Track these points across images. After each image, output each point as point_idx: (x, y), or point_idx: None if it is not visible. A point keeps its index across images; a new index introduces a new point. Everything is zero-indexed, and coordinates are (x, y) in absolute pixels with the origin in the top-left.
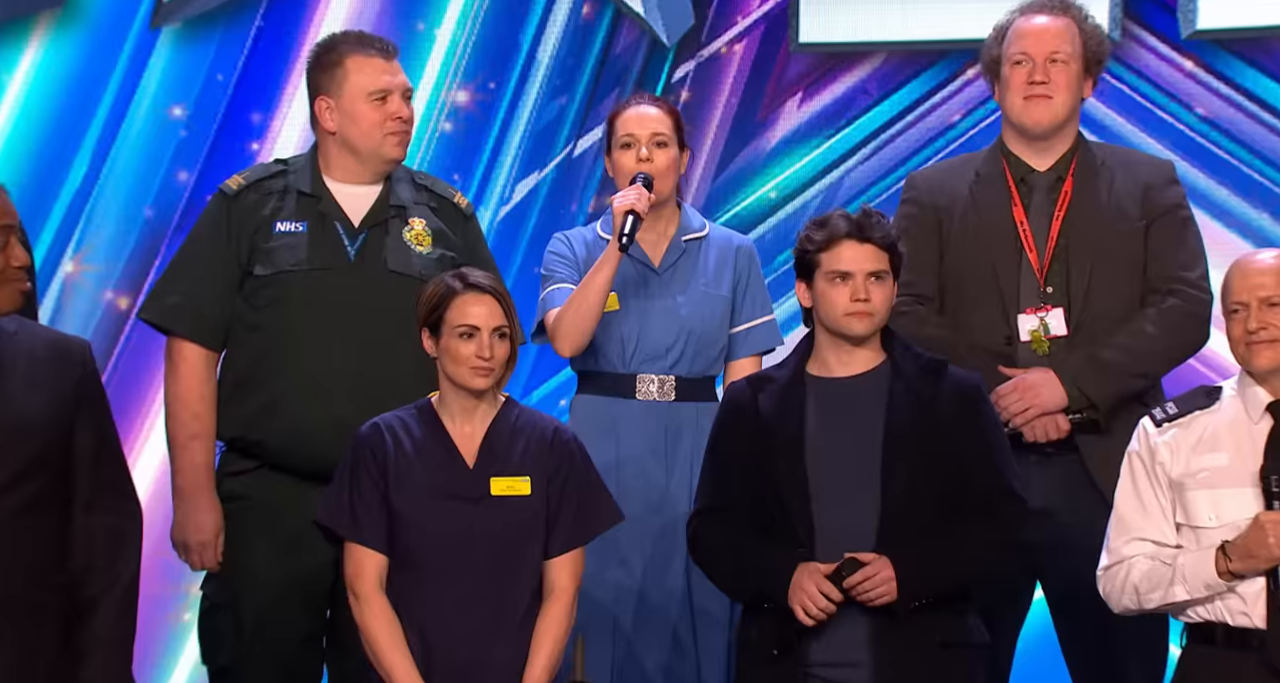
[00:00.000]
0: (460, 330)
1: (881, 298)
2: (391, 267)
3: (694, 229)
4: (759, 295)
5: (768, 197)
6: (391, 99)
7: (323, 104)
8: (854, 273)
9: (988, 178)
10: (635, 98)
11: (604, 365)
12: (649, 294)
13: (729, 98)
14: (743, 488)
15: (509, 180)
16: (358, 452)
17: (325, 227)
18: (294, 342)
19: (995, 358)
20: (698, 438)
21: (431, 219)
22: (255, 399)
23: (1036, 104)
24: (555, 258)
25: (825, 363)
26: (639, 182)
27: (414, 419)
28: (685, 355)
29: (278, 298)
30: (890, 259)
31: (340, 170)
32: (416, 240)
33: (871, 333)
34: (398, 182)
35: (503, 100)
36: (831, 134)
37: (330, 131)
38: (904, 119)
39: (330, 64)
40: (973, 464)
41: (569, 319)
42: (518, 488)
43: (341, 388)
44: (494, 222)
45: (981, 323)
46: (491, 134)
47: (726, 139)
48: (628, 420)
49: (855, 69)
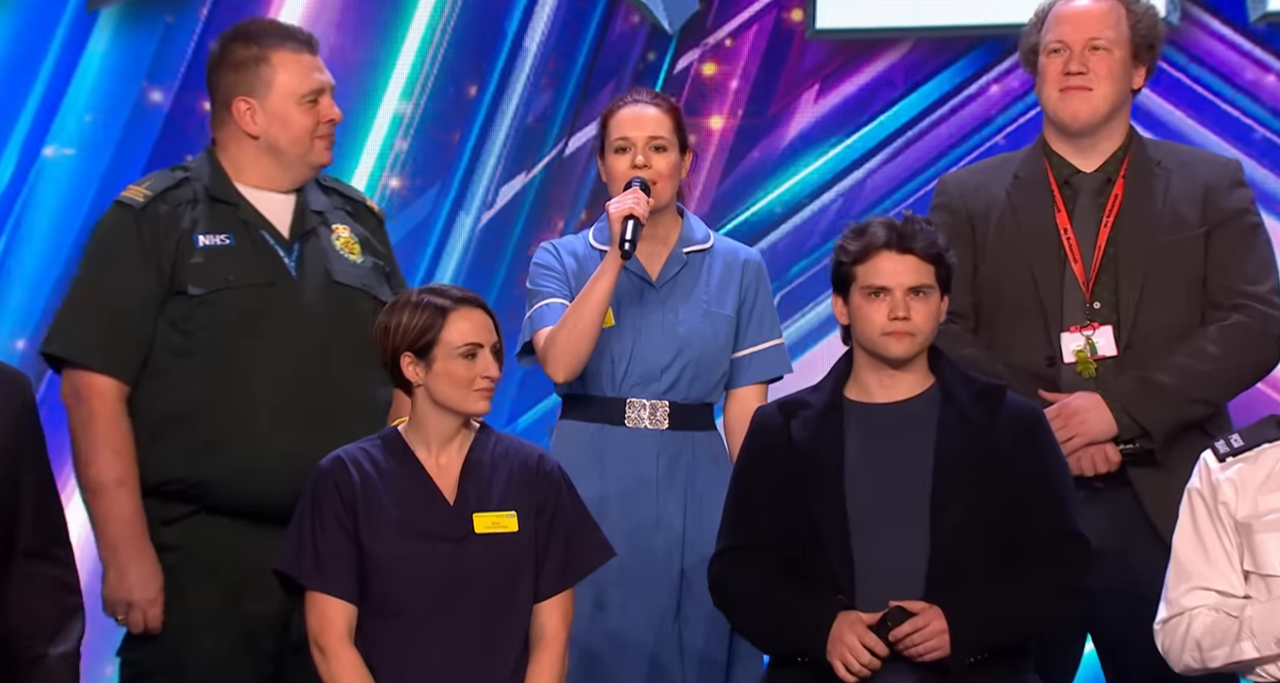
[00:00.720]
0: (462, 350)
1: (924, 316)
2: (336, 279)
3: (697, 240)
4: (767, 316)
5: (780, 201)
6: (323, 100)
7: (242, 105)
8: (892, 288)
9: (1028, 180)
10: (631, 95)
11: (591, 388)
12: (644, 310)
13: (737, 91)
14: (773, 525)
15: (492, 183)
16: (320, 488)
17: (253, 238)
18: (237, 367)
19: (1035, 381)
20: (693, 471)
21: (352, 225)
22: (192, 434)
23: (1073, 97)
24: (542, 271)
25: (865, 387)
26: (636, 186)
27: (381, 451)
28: (682, 379)
29: (214, 319)
30: (936, 272)
31: (257, 176)
32: (347, 248)
33: (912, 355)
34: (307, 186)
35: (485, 93)
36: (852, 131)
37: (253, 135)
38: (934, 114)
39: (251, 60)
40: (1033, 501)
41: (564, 338)
42: (504, 524)
43: (293, 416)
44: (475, 229)
45: (1020, 342)
46: (472, 131)
47: (735, 138)
48: (615, 450)
49: (879, 58)
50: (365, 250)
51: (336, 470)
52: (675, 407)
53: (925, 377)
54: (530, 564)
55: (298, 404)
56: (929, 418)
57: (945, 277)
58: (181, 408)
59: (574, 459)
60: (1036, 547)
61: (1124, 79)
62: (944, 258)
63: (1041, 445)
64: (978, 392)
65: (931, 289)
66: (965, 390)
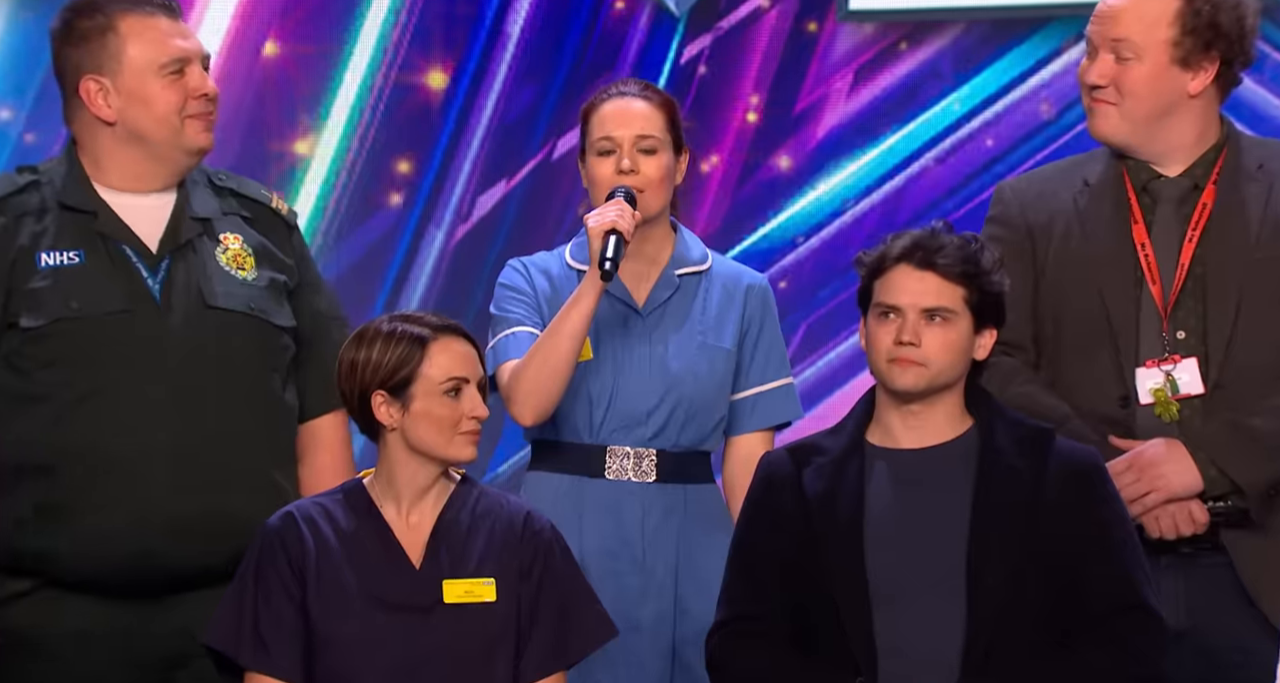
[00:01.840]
0: (445, 387)
1: (940, 344)
2: (212, 302)
3: (692, 260)
4: (774, 351)
5: (806, 215)
6: (190, 70)
7: (92, 86)
8: (903, 307)
9: (1099, 187)
10: (616, 87)
11: (565, 433)
12: (628, 341)
13: (756, 83)
14: (781, 593)
15: (468, 192)
16: (265, 551)
17: (111, 254)
18: (89, 412)
19: (1106, 425)
20: (687, 531)
21: (248, 233)
22: (31, 494)
23: (1094, 114)
24: (509, 294)
25: (889, 429)
26: (619, 196)
27: (341, 507)
28: (672, 423)
29: (57, 355)
30: (965, 295)
31: (120, 175)
32: (235, 263)
33: (920, 389)
34: (194, 186)
35: (458, 87)
36: (892, 131)
37: (108, 121)
38: (989, 110)
39: (96, 32)
40: (1091, 568)
41: (532, 374)
42: (478, 593)
43: (161, 469)
44: (447, 246)
45: (1088, 379)
46: (445, 132)
47: (753, 138)
48: (593, 507)
49: (925, 44)
50: (262, 264)
51: (285, 530)
52: (664, 456)
53: (962, 418)
54: (510, 641)
55: (169, 453)
56: (965, 467)
57: (981, 302)
58: (20, 464)
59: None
60: (1095, 624)
61: (1163, 87)
62: (980, 280)
63: (1099, 498)
64: (1023, 436)
65: (953, 314)
66: (1009, 434)
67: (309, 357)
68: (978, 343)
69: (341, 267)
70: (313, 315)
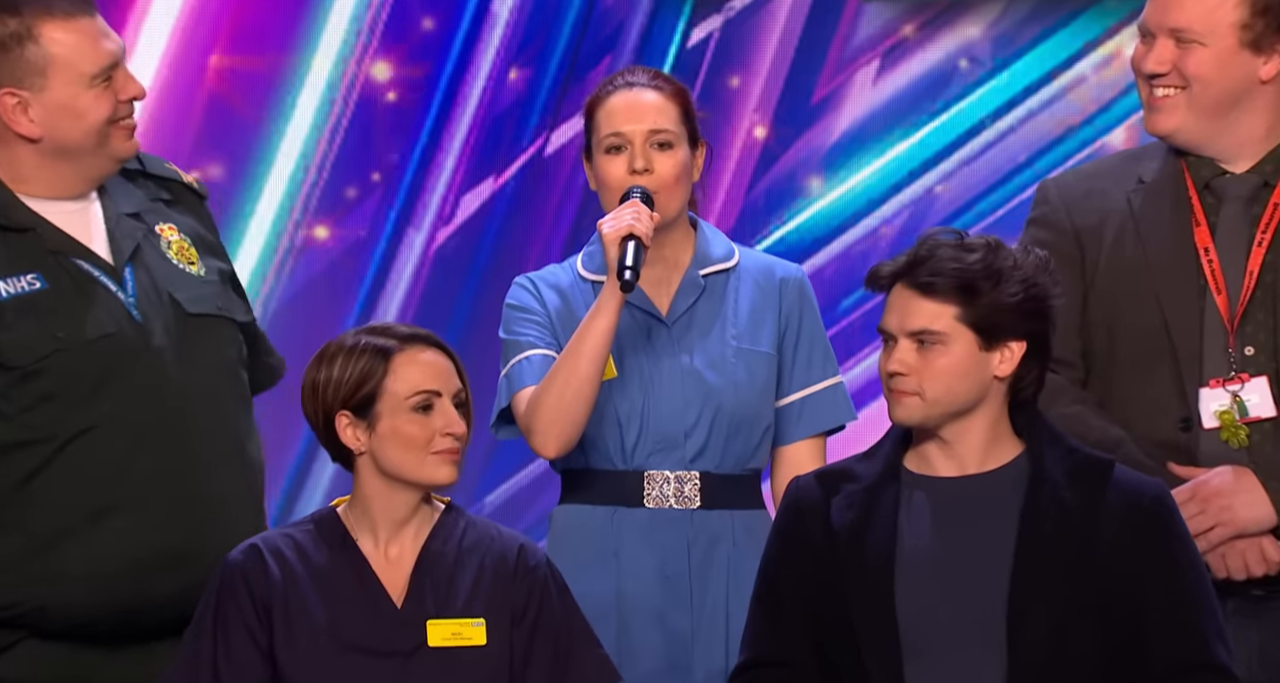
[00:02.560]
0: (415, 402)
1: (935, 371)
2: (191, 309)
3: (716, 258)
4: (818, 348)
5: (828, 215)
6: (117, 75)
7: (10, 101)
8: (891, 332)
9: (1156, 185)
10: (623, 77)
11: (596, 460)
12: (655, 354)
13: (772, 70)
14: (805, 637)
15: (450, 191)
16: (226, 588)
17: (70, 272)
18: (85, 450)
19: (1164, 451)
20: (738, 562)
21: (177, 218)
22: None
23: (1155, 108)
24: (518, 315)
25: (925, 455)
26: (635, 197)
27: (312, 539)
28: (714, 441)
29: (52, 392)
30: (961, 313)
31: (40, 184)
32: (184, 258)
33: (916, 421)
34: (110, 179)
35: (440, 73)
36: (923, 122)
37: (30, 138)
38: (1031, 99)
39: (13, 40)
40: (1153, 619)
41: (553, 400)
42: (467, 635)
43: (162, 505)
44: (427, 251)
45: (1145, 399)
46: (424, 123)
47: (770, 131)
48: (633, 539)
49: (958, 25)
50: (203, 253)
51: (249, 565)
52: (708, 478)
53: (1009, 442)
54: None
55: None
56: (1011, 499)
57: (984, 317)
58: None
59: (580, 553)
60: (1157, 680)
61: (1233, 71)
62: (979, 293)
63: (1166, 539)
64: (1078, 465)
65: (943, 336)
66: (1061, 463)
67: None
68: (994, 360)
69: (307, 277)
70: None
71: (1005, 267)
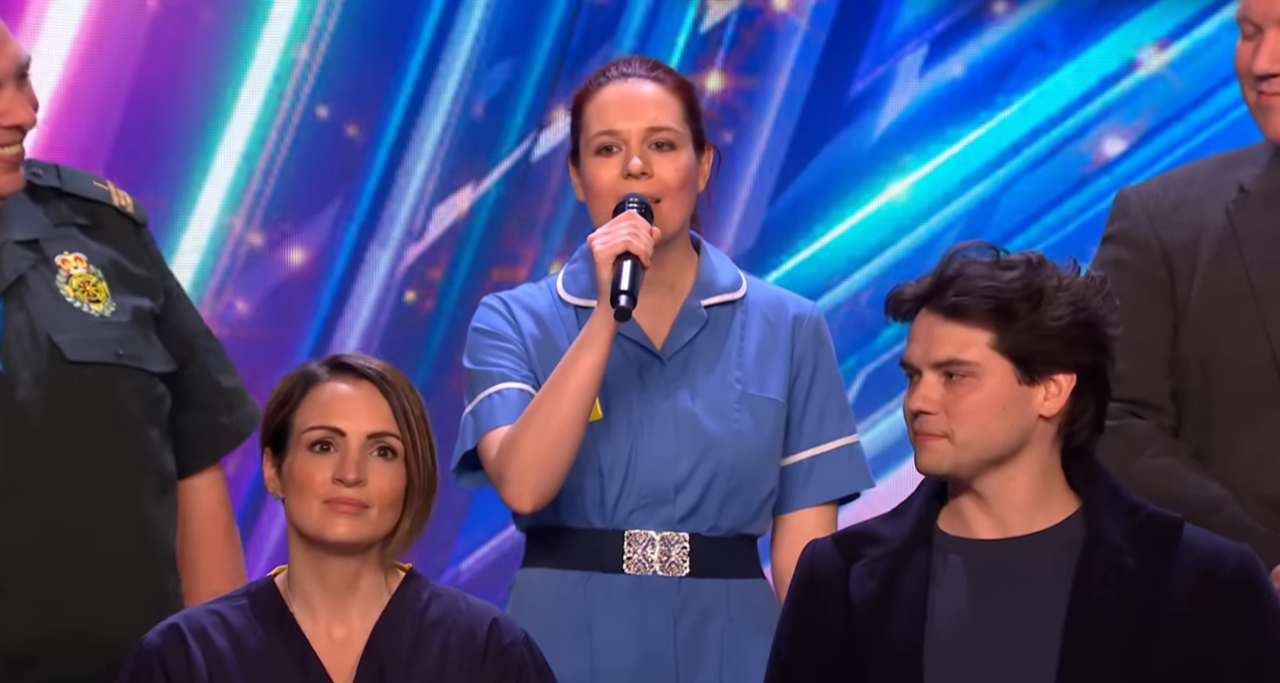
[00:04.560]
0: (310, 437)
1: (966, 411)
2: (72, 355)
3: (721, 287)
4: (834, 401)
5: (866, 229)
6: (3, 94)
7: None
8: (915, 364)
9: (1261, 195)
10: (616, 67)
11: (570, 517)
12: (646, 394)
13: (797, 63)
14: None
15: (420, 203)
16: (140, 678)
17: None
18: None
19: (1274, 512)
20: (732, 640)
21: (91, 248)
22: None
23: (1266, 109)
24: (489, 342)
25: (962, 513)
26: (632, 208)
27: (245, 617)
28: (709, 499)
29: None
30: (995, 340)
31: None
32: (85, 294)
33: (945, 470)
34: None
35: (408, 68)
36: (978, 121)
37: None
38: (1106, 93)
39: None
40: None
41: (530, 445)
42: None
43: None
44: (394, 271)
45: (1250, 449)
46: (389, 124)
47: (794, 133)
48: (610, 610)
49: (1019, 9)
50: (117, 289)
51: (167, 649)
52: (700, 542)
53: (1062, 500)
54: None
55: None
56: (1062, 566)
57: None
58: None
59: (548, 626)
60: None
61: None
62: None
63: (1252, 615)
64: (1141, 526)
65: (974, 367)
66: (1121, 524)
67: (183, 393)
68: (1037, 397)
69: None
70: (182, 340)
71: (1048, 286)
